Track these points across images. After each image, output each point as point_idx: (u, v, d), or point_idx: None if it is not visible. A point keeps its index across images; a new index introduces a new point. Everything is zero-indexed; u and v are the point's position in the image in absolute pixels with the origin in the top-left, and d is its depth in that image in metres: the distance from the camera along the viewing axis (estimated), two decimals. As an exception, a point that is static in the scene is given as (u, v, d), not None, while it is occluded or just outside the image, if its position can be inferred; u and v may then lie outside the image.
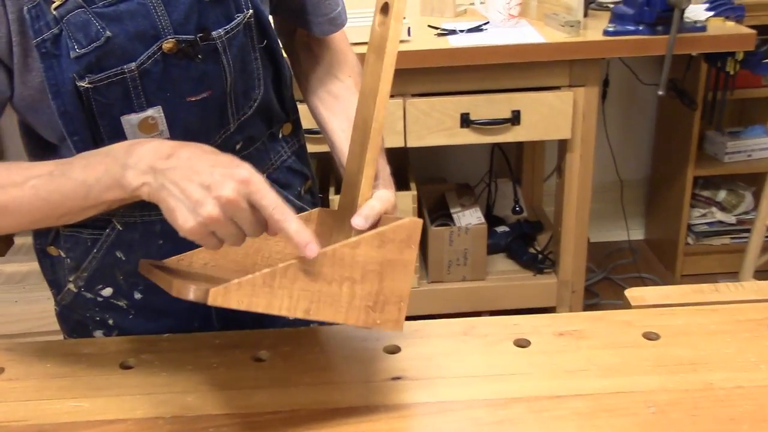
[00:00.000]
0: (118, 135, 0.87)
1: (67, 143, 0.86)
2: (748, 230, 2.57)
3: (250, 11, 0.89)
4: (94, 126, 0.86)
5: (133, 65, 0.83)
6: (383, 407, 0.83)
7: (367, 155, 0.81)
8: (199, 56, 0.86)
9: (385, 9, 0.79)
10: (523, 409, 0.82)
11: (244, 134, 0.98)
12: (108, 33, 0.81)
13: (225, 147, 0.96)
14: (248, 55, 0.92)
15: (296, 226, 0.71)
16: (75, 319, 1.04)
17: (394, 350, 0.93)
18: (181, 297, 0.70)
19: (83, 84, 0.82)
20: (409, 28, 1.97)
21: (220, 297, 0.68)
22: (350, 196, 0.84)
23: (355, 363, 0.91)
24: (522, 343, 0.93)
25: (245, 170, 0.71)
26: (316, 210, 0.94)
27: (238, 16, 0.88)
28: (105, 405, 0.86)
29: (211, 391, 0.87)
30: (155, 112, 0.86)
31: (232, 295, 0.69)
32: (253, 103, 0.95)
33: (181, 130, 0.89)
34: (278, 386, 0.87)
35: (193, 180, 0.71)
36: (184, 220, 0.71)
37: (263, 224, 0.73)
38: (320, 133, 1.02)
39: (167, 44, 0.84)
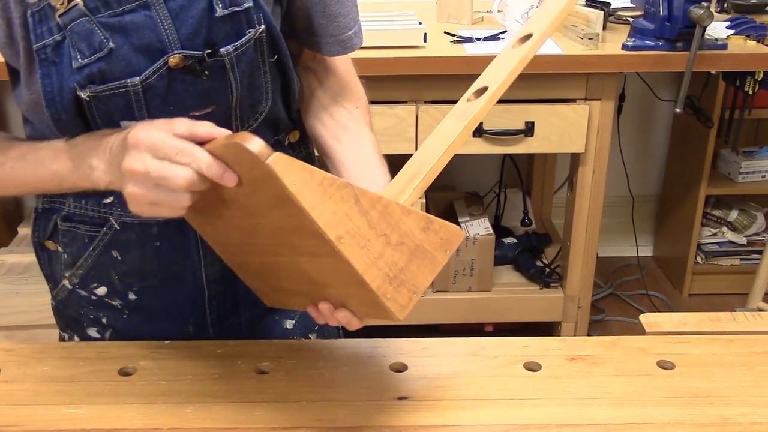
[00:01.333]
0: None
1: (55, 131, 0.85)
2: (758, 252, 2.54)
3: (262, 26, 0.86)
4: (90, 130, 0.85)
5: (137, 80, 0.81)
6: (387, 429, 0.81)
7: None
8: (206, 73, 0.83)
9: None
10: (532, 436, 0.80)
11: None
12: (111, 44, 0.79)
13: None
14: (257, 70, 0.89)
15: (204, 160, 0.70)
16: (70, 315, 1.03)
17: (401, 368, 0.90)
18: (246, 145, 0.66)
19: (84, 94, 0.80)
20: (425, 33, 1.95)
21: (282, 162, 0.65)
22: None
23: (359, 380, 0.88)
24: (532, 367, 0.91)
25: (136, 132, 0.72)
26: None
27: (249, 32, 0.85)
28: (102, 413, 0.83)
29: (212, 402, 0.85)
30: None
31: (292, 171, 0.66)
32: (259, 116, 0.93)
33: None
34: (280, 401, 0.85)
35: (118, 166, 0.74)
36: (129, 206, 0.75)
37: (176, 165, 0.71)
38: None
39: (174, 59, 0.81)
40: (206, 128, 0.72)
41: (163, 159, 0.71)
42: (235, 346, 0.95)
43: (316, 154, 1.06)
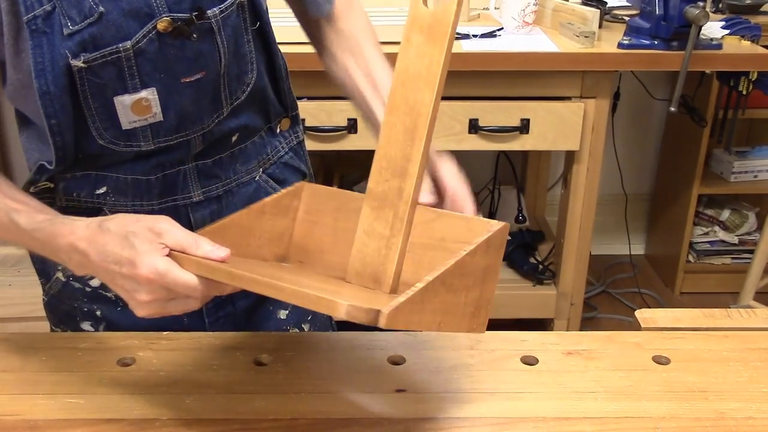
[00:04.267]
0: (110, 118, 0.85)
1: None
2: (749, 251, 2.56)
3: None
4: (78, 111, 0.85)
5: (128, 44, 0.82)
6: (386, 420, 0.81)
7: (423, 144, 0.78)
8: (194, 35, 0.85)
9: None
10: (529, 429, 0.80)
11: (238, 122, 0.96)
12: (101, 8, 0.80)
13: (219, 136, 0.95)
14: (241, 37, 0.91)
15: (205, 250, 0.72)
16: (63, 310, 1.02)
17: (399, 361, 0.91)
18: (330, 314, 0.69)
19: (78, 63, 0.81)
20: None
21: (390, 320, 0.62)
22: (395, 183, 0.80)
23: (358, 373, 0.89)
24: (530, 361, 0.91)
25: (145, 268, 0.71)
26: (301, 183, 0.91)
27: None
28: (101, 403, 0.83)
29: (211, 393, 0.85)
30: (149, 94, 0.85)
31: (401, 317, 0.64)
32: (246, 87, 0.94)
33: (175, 112, 0.88)
34: (279, 392, 0.85)
35: (114, 283, 0.74)
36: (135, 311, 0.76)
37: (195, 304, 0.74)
38: (325, 131, 1.01)
39: (162, 23, 0.83)
40: (198, 249, 0.73)
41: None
42: (233, 337, 0.95)
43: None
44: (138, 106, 0.86)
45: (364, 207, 0.82)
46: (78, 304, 1.00)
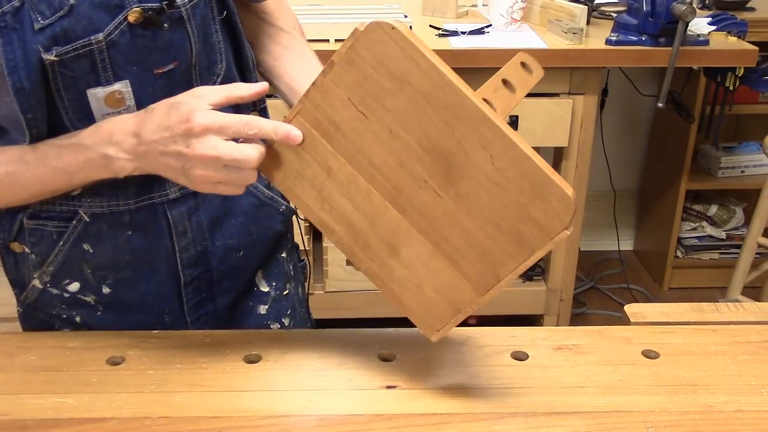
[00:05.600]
0: (83, 110, 0.85)
1: (21, 125, 0.83)
2: (737, 246, 2.57)
3: None
4: (52, 104, 0.84)
5: (100, 36, 0.81)
6: (377, 417, 0.81)
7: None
8: (165, 25, 0.85)
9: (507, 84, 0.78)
10: (519, 424, 0.81)
11: None
12: (71, 1, 0.80)
13: None
14: (210, 26, 0.91)
15: (270, 126, 0.78)
16: (39, 319, 1.00)
17: (389, 357, 0.91)
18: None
19: (50, 57, 0.80)
20: (410, 27, 1.95)
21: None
22: None
23: (348, 369, 0.89)
24: (519, 356, 0.91)
25: (199, 117, 0.76)
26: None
27: None
28: (91, 402, 0.83)
29: (201, 392, 0.85)
30: (122, 87, 0.85)
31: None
32: (216, 78, 0.94)
33: (148, 104, 0.87)
34: (269, 390, 0.85)
35: (168, 152, 0.78)
36: (188, 185, 0.81)
37: (247, 145, 0.78)
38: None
39: (133, 15, 0.83)
40: (238, 90, 0.80)
41: (230, 138, 0.77)
42: (223, 335, 0.95)
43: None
44: (111, 99, 0.85)
45: None
46: (56, 311, 0.98)
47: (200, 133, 0.76)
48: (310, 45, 1.08)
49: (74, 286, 0.96)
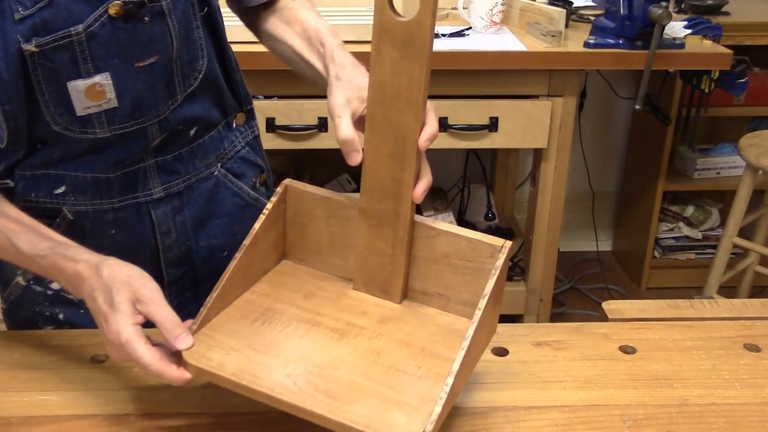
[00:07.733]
0: (64, 104, 0.85)
1: None
2: (713, 246, 2.61)
3: None
4: (32, 97, 0.84)
5: (80, 27, 0.82)
6: (360, 412, 0.82)
7: (413, 169, 0.79)
8: (146, 18, 0.85)
9: None
10: (500, 418, 0.82)
11: (193, 111, 0.96)
12: None
13: (176, 127, 0.95)
14: (191, 22, 0.92)
15: (174, 334, 0.76)
16: (23, 316, 1.00)
17: (372, 354, 0.92)
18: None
19: (30, 47, 0.80)
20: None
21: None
22: (390, 205, 0.81)
23: (332, 365, 0.90)
24: (500, 352, 0.93)
25: (112, 326, 0.75)
26: (283, 186, 0.89)
27: None
28: (75, 399, 0.84)
29: (185, 388, 0.85)
30: (103, 79, 0.85)
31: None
32: (198, 74, 0.95)
33: (129, 98, 0.88)
34: (253, 386, 0.86)
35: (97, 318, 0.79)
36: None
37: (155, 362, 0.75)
38: (296, 130, 1.01)
39: (113, 8, 0.83)
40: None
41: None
42: (207, 333, 0.95)
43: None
44: (92, 92, 0.85)
45: (361, 224, 0.84)
46: (39, 308, 0.99)
47: (107, 340, 0.76)
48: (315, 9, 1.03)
49: (57, 284, 0.96)
